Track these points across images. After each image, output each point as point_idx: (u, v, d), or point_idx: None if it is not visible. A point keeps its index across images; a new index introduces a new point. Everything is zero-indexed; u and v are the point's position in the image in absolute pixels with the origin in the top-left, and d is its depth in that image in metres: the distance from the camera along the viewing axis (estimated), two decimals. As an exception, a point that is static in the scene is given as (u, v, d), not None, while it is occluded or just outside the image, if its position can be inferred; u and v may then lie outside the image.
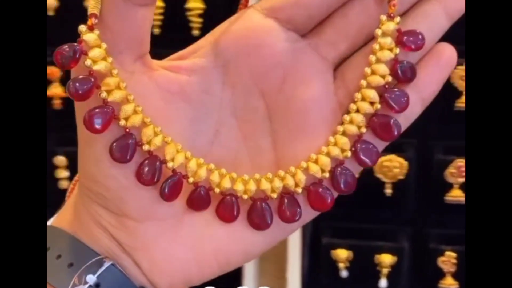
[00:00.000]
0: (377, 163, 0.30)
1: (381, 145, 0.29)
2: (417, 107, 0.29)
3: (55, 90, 0.75)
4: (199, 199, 0.29)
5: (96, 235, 0.30)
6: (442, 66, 0.29)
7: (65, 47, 0.27)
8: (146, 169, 0.28)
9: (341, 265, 0.75)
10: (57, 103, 0.75)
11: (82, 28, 0.27)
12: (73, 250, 0.29)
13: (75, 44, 0.27)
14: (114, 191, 0.29)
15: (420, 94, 0.29)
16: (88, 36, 0.27)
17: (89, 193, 0.29)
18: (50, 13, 0.73)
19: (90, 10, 0.26)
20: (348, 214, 0.73)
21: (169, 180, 0.29)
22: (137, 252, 0.30)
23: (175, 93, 0.29)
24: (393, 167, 0.72)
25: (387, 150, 0.74)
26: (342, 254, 0.75)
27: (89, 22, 0.27)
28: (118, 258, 0.30)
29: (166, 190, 0.29)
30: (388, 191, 0.73)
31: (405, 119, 0.29)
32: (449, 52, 0.29)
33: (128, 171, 0.28)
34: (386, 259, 0.73)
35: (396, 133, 0.28)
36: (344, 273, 0.75)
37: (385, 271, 0.73)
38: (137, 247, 0.30)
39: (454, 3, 0.29)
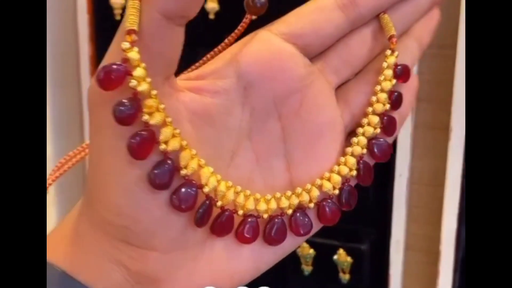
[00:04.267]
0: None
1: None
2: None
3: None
4: (225, 224, 0.29)
5: (105, 272, 0.28)
6: (411, 90, 0.33)
7: (113, 66, 0.25)
8: (183, 195, 0.27)
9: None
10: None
11: (125, 45, 0.25)
12: None
13: (118, 63, 0.25)
14: (145, 224, 0.27)
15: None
16: (132, 54, 0.25)
17: (108, 227, 0.27)
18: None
19: (128, 25, 0.25)
20: None
21: (204, 206, 0.28)
22: (158, 284, 0.28)
23: (200, 116, 0.28)
24: None
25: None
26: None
27: (128, 39, 0.25)
28: None
29: (200, 217, 0.28)
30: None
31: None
32: (413, 79, 0.33)
33: (161, 200, 0.27)
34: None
35: (389, 157, 0.32)
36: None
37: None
38: (159, 278, 0.28)
39: (425, 39, 0.33)
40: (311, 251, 0.89)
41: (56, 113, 1.04)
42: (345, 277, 0.90)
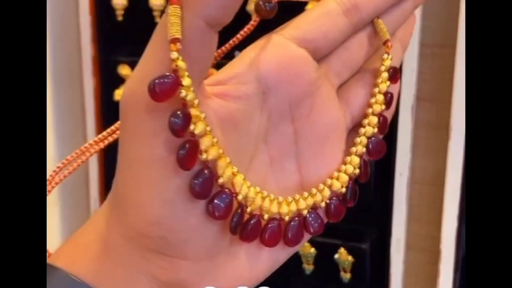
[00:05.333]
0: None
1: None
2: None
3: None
4: (254, 230, 0.29)
5: (132, 283, 0.28)
6: (395, 91, 0.34)
7: (165, 77, 0.25)
8: (220, 203, 0.27)
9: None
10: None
11: (174, 55, 0.24)
12: None
13: (170, 74, 0.25)
14: (182, 233, 0.27)
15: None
16: (181, 63, 0.25)
17: (142, 238, 0.27)
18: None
19: (173, 34, 0.25)
20: None
21: (238, 213, 0.28)
22: None
23: (226, 121, 0.28)
24: None
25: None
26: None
27: (173, 48, 0.24)
28: None
29: (235, 225, 0.28)
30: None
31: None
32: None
33: (198, 209, 0.27)
34: None
35: (384, 153, 0.33)
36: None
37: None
38: (186, 286, 0.28)
39: (406, 41, 0.35)
40: (312, 250, 0.90)
41: (59, 114, 1.05)
42: (346, 276, 0.91)
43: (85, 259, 0.28)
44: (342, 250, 0.89)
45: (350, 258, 0.89)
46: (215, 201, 0.27)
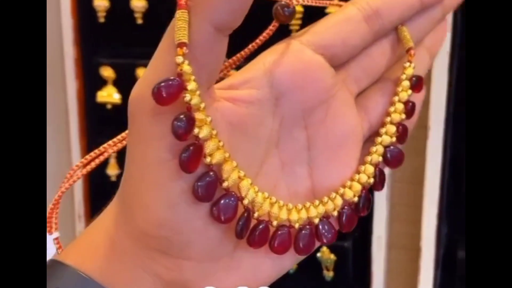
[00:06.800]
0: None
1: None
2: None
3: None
4: (262, 236, 0.28)
5: (137, 282, 0.28)
6: (419, 99, 0.34)
7: (169, 81, 0.25)
8: (224, 207, 0.27)
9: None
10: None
11: (179, 59, 0.25)
12: None
13: (174, 78, 0.25)
14: (186, 234, 0.27)
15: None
16: (186, 67, 0.25)
17: (147, 239, 0.28)
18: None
19: (179, 38, 0.25)
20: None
21: (244, 218, 0.28)
22: None
23: (236, 125, 0.28)
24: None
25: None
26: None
27: (179, 52, 0.25)
28: None
29: (241, 229, 0.28)
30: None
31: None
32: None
33: (202, 212, 0.27)
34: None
35: (402, 163, 0.33)
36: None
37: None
38: (190, 286, 0.28)
39: (436, 49, 0.34)
40: (295, 249, 0.90)
41: (41, 116, 1.04)
42: (329, 274, 0.91)
43: (94, 257, 0.29)
44: (324, 248, 0.90)
45: (332, 256, 0.90)
46: (220, 204, 0.27)
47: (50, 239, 0.32)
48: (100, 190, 1.02)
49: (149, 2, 0.94)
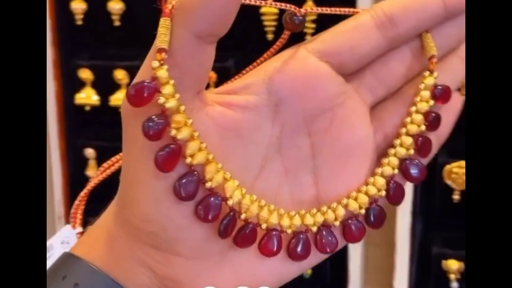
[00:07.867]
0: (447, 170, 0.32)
1: (406, 185, 0.32)
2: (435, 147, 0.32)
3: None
4: (247, 236, 0.29)
5: (134, 273, 0.29)
6: (452, 111, 0.32)
7: (143, 84, 0.26)
8: (207, 207, 0.28)
9: (452, 276, 0.76)
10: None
11: (155, 64, 0.26)
12: None
13: (148, 81, 0.26)
14: (171, 231, 0.28)
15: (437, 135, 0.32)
16: (161, 72, 0.26)
17: (137, 233, 0.29)
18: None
19: (159, 44, 0.26)
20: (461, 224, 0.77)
21: (228, 218, 0.28)
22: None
23: (229, 129, 0.29)
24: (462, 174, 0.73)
25: (457, 157, 0.78)
26: (453, 265, 0.75)
27: (158, 57, 0.26)
28: None
29: (224, 228, 0.28)
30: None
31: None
32: (456, 100, 0.32)
33: (186, 210, 0.28)
34: None
35: (424, 177, 0.31)
36: (454, 285, 0.76)
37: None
38: (182, 282, 0.29)
39: None
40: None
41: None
42: (307, 272, 0.92)
43: (98, 249, 0.30)
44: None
45: None
46: (203, 204, 0.28)
47: (73, 233, 0.34)
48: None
49: (126, 4, 0.94)
